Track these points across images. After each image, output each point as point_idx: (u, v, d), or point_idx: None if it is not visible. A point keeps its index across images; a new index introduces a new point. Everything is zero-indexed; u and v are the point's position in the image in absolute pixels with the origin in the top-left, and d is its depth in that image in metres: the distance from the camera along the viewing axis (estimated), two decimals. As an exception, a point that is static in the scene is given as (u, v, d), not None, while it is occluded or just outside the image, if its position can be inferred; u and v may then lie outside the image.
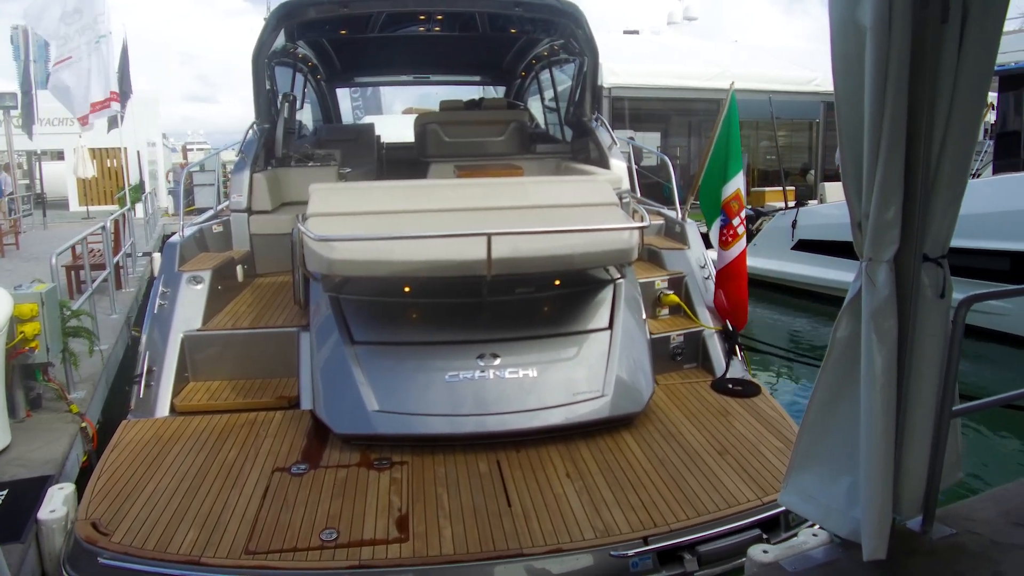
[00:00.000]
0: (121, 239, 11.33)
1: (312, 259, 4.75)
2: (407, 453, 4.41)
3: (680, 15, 28.90)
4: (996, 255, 8.98)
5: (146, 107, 23.46)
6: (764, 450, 4.48)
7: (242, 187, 6.86)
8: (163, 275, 5.69)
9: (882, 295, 2.67)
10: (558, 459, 4.36)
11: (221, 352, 5.38)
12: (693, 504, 3.88)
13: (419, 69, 11.36)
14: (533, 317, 5.12)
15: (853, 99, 2.58)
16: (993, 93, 10.61)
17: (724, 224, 6.18)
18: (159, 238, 18.72)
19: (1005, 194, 9.40)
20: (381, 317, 4.99)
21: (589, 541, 3.57)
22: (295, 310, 5.79)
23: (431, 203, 5.34)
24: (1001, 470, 6.30)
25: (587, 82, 7.90)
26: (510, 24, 8.42)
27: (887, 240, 2.65)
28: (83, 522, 3.72)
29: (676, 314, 6.20)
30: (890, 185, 2.57)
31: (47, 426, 5.39)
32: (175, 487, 4.04)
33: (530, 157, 8.71)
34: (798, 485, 3.11)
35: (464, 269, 4.57)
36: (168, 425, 4.80)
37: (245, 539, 3.55)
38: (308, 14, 6.96)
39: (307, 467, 4.26)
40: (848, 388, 2.86)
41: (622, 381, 4.79)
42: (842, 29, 2.55)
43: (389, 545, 3.51)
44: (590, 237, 4.84)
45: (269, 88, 7.63)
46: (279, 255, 6.98)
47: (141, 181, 21.70)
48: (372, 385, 4.58)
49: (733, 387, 5.44)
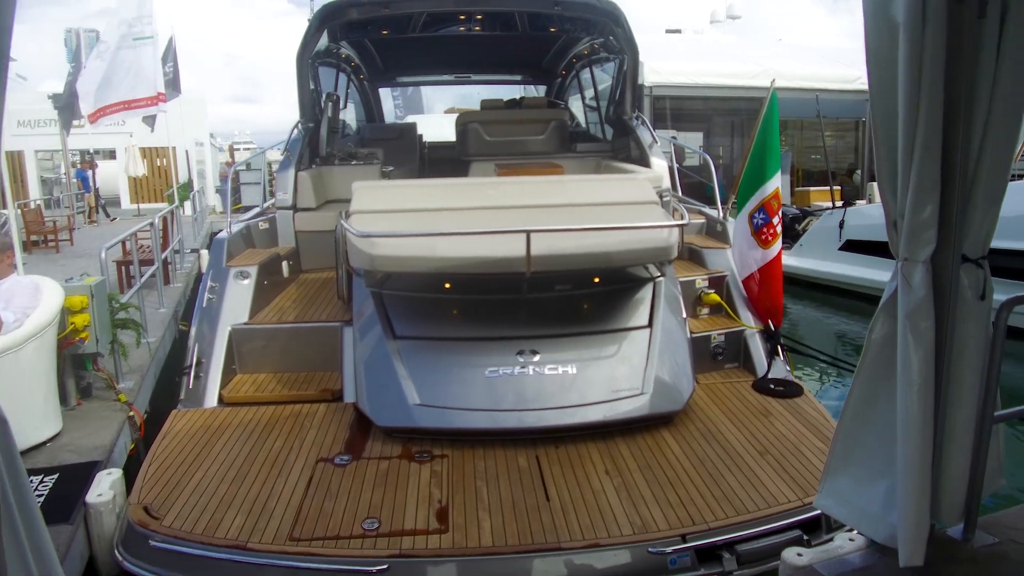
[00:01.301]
0: (169, 236, 11.58)
1: (355, 255, 4.82)
2: (447, 447, 4.46)
3: (723, 14, 28.60)
4: None
5: (194, 107, 23.98)
6: (805, 451, 4.43)
7: (287, 185, 6.99)
8: (211, 270, 5.83)
9: (918, 296, 2.63)
10: (597, 456, 4.36)
11: (267, 345, 5.50)
12: (732, 503, 3.86)
13: (460, 69, 11.44)
14: (572, 314, 5.14)
15: (887, 96, 2.54)
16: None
17: (764, 223, 6.13)
18: (207, 235, 19.11)
19: None
20: (422, 313, 5.05)
21: (627, 537, 3.58)
22: (339, 305, 5.89)
23: (471, 201, 5.39)
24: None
25: (627, 81, 7.89)
26: (549, 23, 8.43)
27: (923, 240, 2.60)
28: (135, 506, 3.84)
29: (717, 313, 6.16)
30: (926, 184, 2.53)
31: (96, 414, 5.55)
32: (223, 475, 4.15)
33: (570, 156, 8.71)
34: (834, 488, 3.06)
35: (503, 266, 4.60)
36: (216, 415, 4.92)
37: (290, 526, 3.64)
38: (350, 15, 7.06)
39: (350, 458, 4.33)
40: (884, 390, 2.82)
41: (662, 379, 4.78)
42: (875, 24, 2.52)
43: (429, 536, 3.56)
44: (629, 235, 4.84)
45: (313, 88, 7.76)
46: (323, 251, 7.09)
47: (189, 179, 22.15)
48: (413, 379, 4.64)
49: (775, 387, 5.39)
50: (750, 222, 6.16)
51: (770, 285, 5.95)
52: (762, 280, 6.04)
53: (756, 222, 6.14)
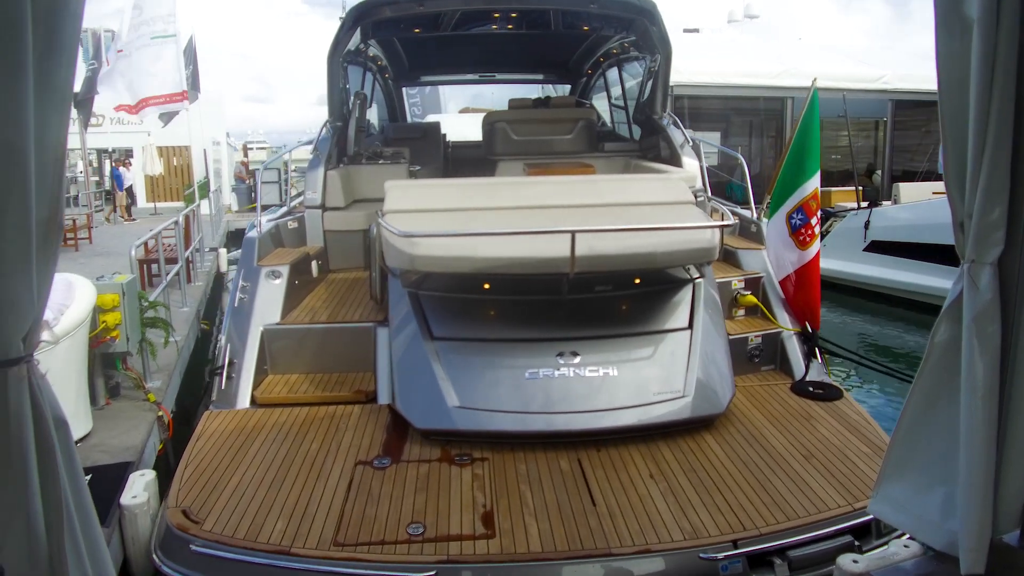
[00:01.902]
0: (191, 235, 11.59)
1: (393, 255, 4.75)
2: (487, 449, 4.38)
3: (741, 13, 28.51)
4: None
5: (211, 106, 24.02)
6: (851, 455, 4.34)
7: (317, 184, 6.93)
8: (242, 269, 5.77)
9: (985, 298, 2.55)
10: (639, 459, 4.29)
11: (299, 346, 5.44)
12: (782, 508, 3.77)
13: (485, 67, 11.37)
14: (612, 316, 5.06)
15: (957, 95, 2.46)
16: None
17: (803, 223, 6.05)
18: (224, 234, 19.16)
19: None
20: (460, 313, 4.98)
21: (678, 543, 3.50)
22: (370, 305, 5.83)
23: (506, 200, 5.31)
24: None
25: (659, 80, 7.80)
26: (583, 21, 8.35)
27: (991, 242, 2.52)
28: (174, 510, 3.78)
29: (752, 315, 6.07)
30: (996, 185, 2.45)
31: (126, 414, 5.52)
32: (260, 478, 4.09)
33: (599, 155, 8.63)
34: (889, 494, 2.99)
35: (547, 266, 4.52)
36: (250, 417, 4.86)
37: (333, 531, 3.57)
38: (384, 13, 7.00)
39: (389, 461, 4.26)
40: (946, 395, 2.74)
41: (703, 382, 4.70)
42: (946, 22, 2.45)
43: (476, 541, 3.49)
44: (672, 235, 4.76)
45: (342, 87, 7.71)
46: (351, 251, 7.04)
47: (207, 178, 22.21)
48: (452, 381, 4.57)
49: (814, 390, 5.29)
50: (788, 223, 6.07)
51: (808, 287, 5.86)
52: (799, 282, 5.95)
53: (794, 223, 6.05)
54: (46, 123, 1.85)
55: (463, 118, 20.76)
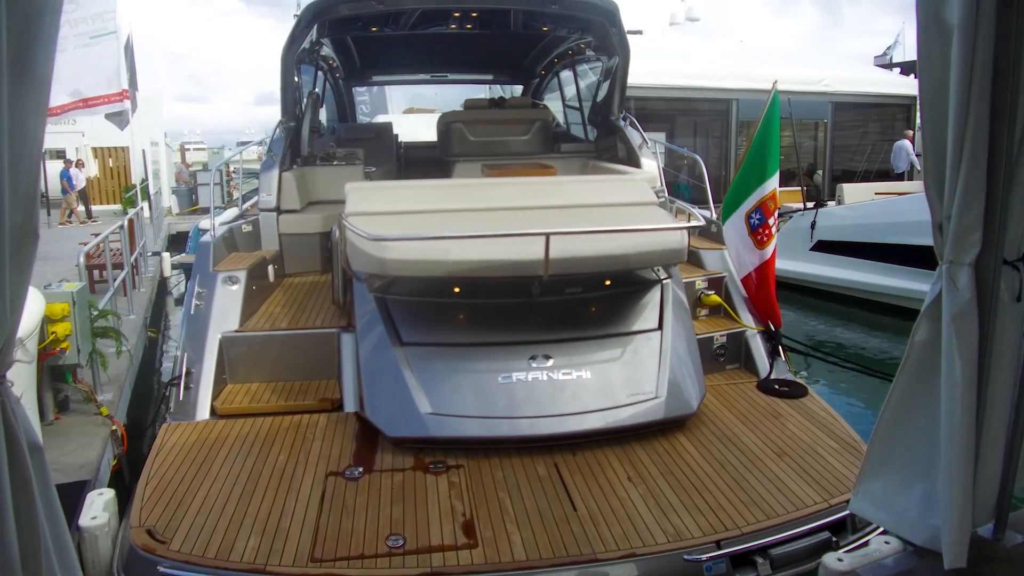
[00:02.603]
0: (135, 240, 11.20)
1: (361, 259, 4.64)
2: (461, 456, 4.31)
3: (682, 16, 28.85)
4: None
5: (149, 106, 23.28)
6: (822, 451, 4.41)
7: (271, 186, 6.74)
8: (198, 275, 5.57)
9: (963, 298, 2.61)
10: (616, 462, 4.27)
11: (260, 353, 5.27)
12: (761, 507, 3.80)
13: (437, 67, 11.25)
14: (583, 318, 5.03)
15: (937, 99, 2.53)
16: None
17: (760, 223, 6.14)
18: (166, 238, 18.62)
19: None
20: (429, 318, 4.89)
21: (662, 546, 3.49)
22: (332, 311, 5.69)
23: (471, 202, 5.24)
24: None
25: (616, 81, 7.82)
26: (543, 22, 8.31)
27: (969, 243, 2.59)
28: (138, 529, 3.60)
29: (716, 314, 6.13)
30: (973, 187, 2.52)
31: (77, 429, 5.28)
32: (228, 492, 3.94)
33: (555, 156, 8.61)
34: (870, 491, 3.04)
35: (521, 269, 4.47)
36: (211, 428, 4.69)
37: (309, 546, 3.45)
38: (341, 11, 6.84)
39: (361, 471, 4.15)
40: (925, 394, 2.80)
41: (675, 382, 4.71)
42: (927, 27, 2.50)
43: (459, 551, 3.41)
44: (644, 237, 4.76)
45: (296, 86, 7.52)
46: (307, 255, 6.88)
47: (145, 180, 21.53)
48: (423, 387, 4.48)
49: (780, 388, 5.37)
50: (747, 222, 6.15)
51: (766, 285, 5.95)
52: (759, 280, 6.03)
53: (753, 222, 6.13)
54: (21, 116, 1.71)
55: (409, 118, 20.59)
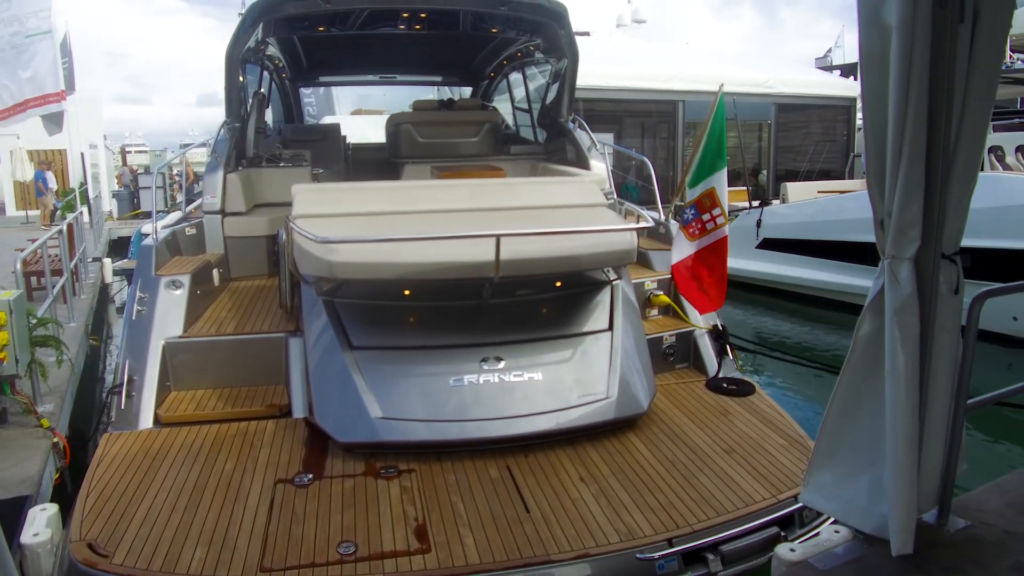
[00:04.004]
0: (75, 244, 10.87)
1: (309, 262, 4.57)
2: (413, 460, 4.28)
3: (628, 18, 29.10)
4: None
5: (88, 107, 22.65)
6: (769, 447, 4.50)
7: (216, 188, 6.62)
8: (139, 280, 5.43)
9: (905, 292, 2.69)
10: (568, 462, 4.29)
11: (205, 359, 5.16)
12: (711, 504, 3.86)
13: (386, 68, 11.16)
14: (534, 319, 5.04)
15: (878, 98, 2.60)
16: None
17: (694, 218, 6.14)
18: (107, 243, 18.13)
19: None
20: (379, 321, 4.84)
21: (615, 545, 3.51)
22: (279, 315, 5.61)
23: (422, 204, 5.21)
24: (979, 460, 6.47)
25: (565, 83, 7.86)
26: (492, 24, 8.31)
27: (909, 238, 2.67)
28: (78, 543, 3.49)
29: (665, 314, 6.20)
30: (912, 184, 2.60)
31: (17, 442, 5.10)
32: (173, 502, 3.84)
33: (505, 158, 8.62)
34: (819, 483, 3.12)
35: (471, 271, 4.46)
36: (155, 437, 4.57)
37: (258, 555, 3.39)
38: (287, 10, 6.74)
39: (311, 478, 4.10)
40: (870, 386, 2.88)
41: (625, 382, 4.75)
42: (868, 28, 2.57)
43: (412, 556, 3.39)
44: (594, 238, 4.79)
45: (240, 86, 7.39)
46: (253, 258, 6.77)
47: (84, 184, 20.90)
48: (373, 391, 4.44)
49: (728, 386, 5.46)
50: (683, 218, 6.21)
51: (697, 275, 5.94)
52: (690, 271, 6.01)
53: (686, 217, 6.17)
54: None
55: (356, 119, 20.39)
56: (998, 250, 9.02)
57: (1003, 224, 9.07)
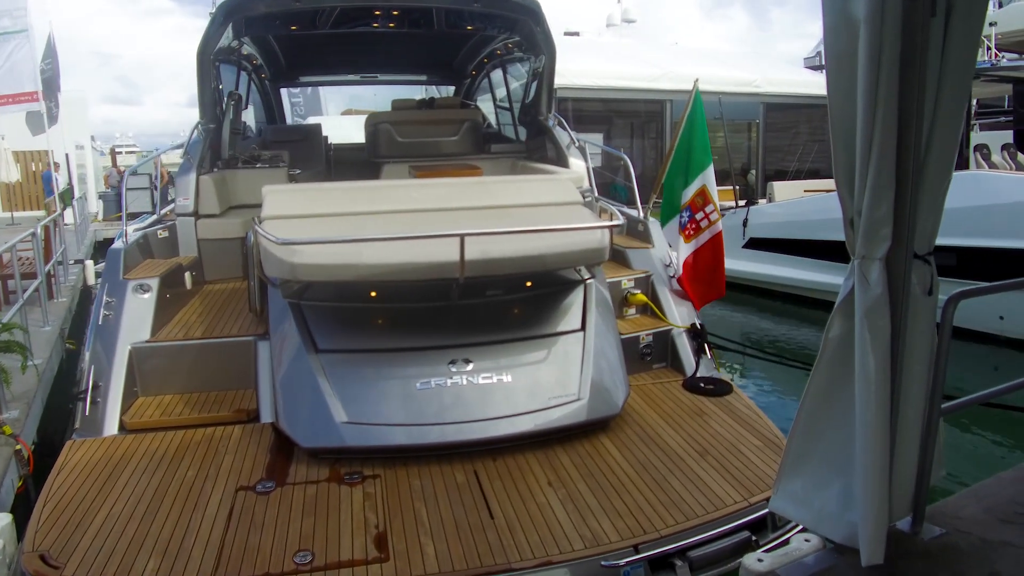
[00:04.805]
0: (52, 247, 10.74)
1: (272, 264, 4.48)
2: (379, 466, 4.19)
3: (619, 18, 29.08)
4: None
5: (74, 107, 22.47)
6: (744, 449, 4.41)
7: (188, 190, 6.52)
8: (107, 284, 5.33)
9: (875, 293, 2.62)
10: (537, 467, 4.20)
11: (172, 364, 5.07)
12: (680, 508, 3.78)
13: (367, 68, 11.07)
14: (504, 320, 4.96)
15: (846, 96, 2.51)
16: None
17: (689, 219, 6.20)
18: (91, 245, 17.98)
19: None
20: (346, 324, 4.76)
21: (579, 552, 3.43)
22: (250, 318, 5.51)
23: (393, 204, 5.13)
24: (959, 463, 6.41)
25: (544, 81, 7.78)
26: (468, 21, 8.23)
27: (880, 237, 2.59)
28: (30, 555, 3.40)
29: (643, 313, 6.12)
30: (882, 182, 2.52)
31: (-23, 449, 5.01)
32: (130, 512, 3.75)
33: (485, 157, 8.54)
34: (789, 490, 3.03)
35: (436, 272, 4.37)
36: (118, 444, 4.48)
37: (212, 566, 3.30)
38: (257, 8, 6.65)
39: (273, 484, 4.01)
40: (841, 390, 2.80)
41: (598, 383, 4.66)
42: (835, 25, 2.48)
43: (369, 566, 3.30)
44: (563, 237, 4.70)
45: (215, 87, 7.29)
46: (228, 260, 6.67)
47: (70, 185, 20.73)
48: (339, 396, 4.35)
49: (705, 386, 5.38)
50: (679, 223, 6.24)
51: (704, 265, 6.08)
52: (690, 271, 6.10)
53: (682, 221, 6.19)
54: None
55: (345, 120, 20.28)
56: (983, 249, 8.98)
57: (988, 223, 9.03)
